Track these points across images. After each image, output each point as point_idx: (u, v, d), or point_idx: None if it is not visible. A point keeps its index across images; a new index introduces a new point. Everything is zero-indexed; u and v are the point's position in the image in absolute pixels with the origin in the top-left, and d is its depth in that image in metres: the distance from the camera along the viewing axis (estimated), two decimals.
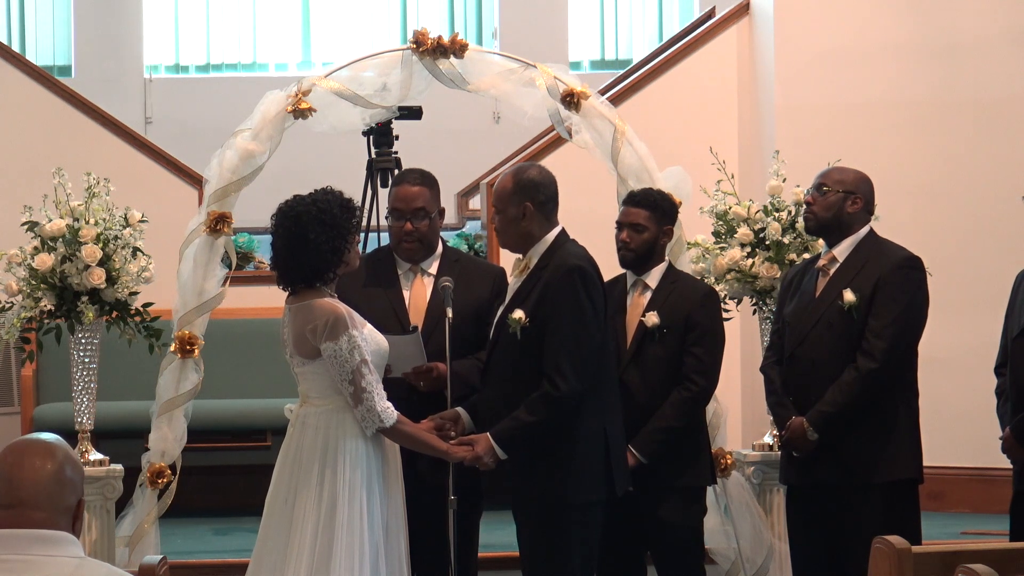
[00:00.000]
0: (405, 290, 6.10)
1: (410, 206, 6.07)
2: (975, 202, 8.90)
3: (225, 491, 9.11)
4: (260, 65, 14.29)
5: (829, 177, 6.16)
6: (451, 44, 6.81)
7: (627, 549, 6.18)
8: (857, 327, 5.96)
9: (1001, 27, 8.95)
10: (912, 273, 6.05)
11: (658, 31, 14.39)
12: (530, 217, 5.65)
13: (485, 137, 13.10)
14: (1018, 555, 4.63)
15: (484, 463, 5.54)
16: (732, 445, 7.27)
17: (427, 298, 6.08)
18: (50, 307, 6.60)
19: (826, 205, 6.11)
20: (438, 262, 6.14)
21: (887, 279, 5.98)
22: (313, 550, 5.32)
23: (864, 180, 6.17)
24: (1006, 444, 6.06)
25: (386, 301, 6.04)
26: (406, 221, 6.07)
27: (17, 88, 9.53)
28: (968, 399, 7.67)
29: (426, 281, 6.11)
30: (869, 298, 5.96)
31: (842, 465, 5.96)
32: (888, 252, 6.09)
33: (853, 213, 6.10)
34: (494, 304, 5.97)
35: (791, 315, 6.16)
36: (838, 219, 6.10)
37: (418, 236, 6.08)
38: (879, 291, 5.96)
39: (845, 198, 6.09)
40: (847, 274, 6.05)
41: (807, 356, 6.05)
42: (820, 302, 6.07)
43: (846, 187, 6.11)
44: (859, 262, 6.05)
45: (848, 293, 5.98)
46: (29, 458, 3.31)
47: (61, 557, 3.28)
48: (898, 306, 5.96)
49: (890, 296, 5.96)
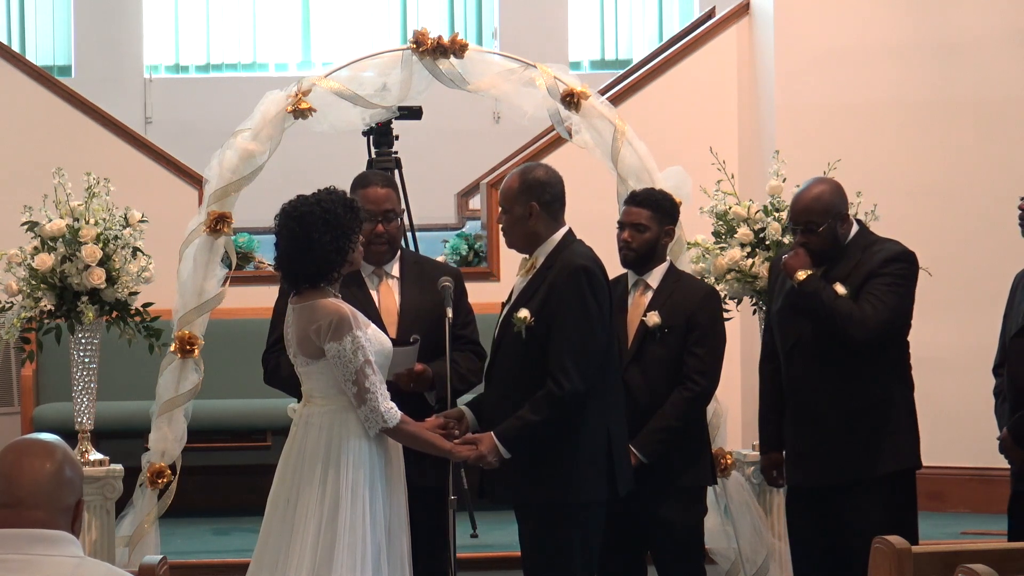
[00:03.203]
0: (373, 292, 6.05)
1: (380, 207, 6.01)
2: (975, 202, 8.90)
3: (225, 491, 9.11)
4: (260, 65, 14.28)
5: (813, 212, 5.95)
6: (451, 44, 6.81)
7: (627, 549, 6.18)
8: None
9: (1001, 27, 8.95)
10: (901, 267, 6.00)
11: (658, 31, 14.39)
12: (536, 216, 5.65)
13: (485, 137, 13.10)
14: (1018, 555, 4.63)
15: (488, 462, 5.54)
16: (732, 445, 7.28)
17: (397, 300, 6.03)
18: (50, 307, 6.60)
19: (824, 243, 5.98)
20: (398, 264, 6.12)
21: (875, 272, 5.93)
22: (315, 550, 5.32)
23: (836, 194, 6.02)
24: (1003, 444, 6.05)
25: (357, 305, 5.99)
26: (377, 223, 6.01)
27: (17, 88, 9.53)
28: (968, 399, 7.67)
29: (391, 284, 6.07)
30: (857, 291, 5.91)
31: (845, 461, 5.94)
32: (879, 246, 6.03)
33: (845, 232, 6.02)
34: (458, 304, 5.94)
35: (777, 315, 6.15)
36: (837, 244, 6.01)
37: (387, 238, 6.04)
38: (866, 284, 5.90)
39: (837, 225, 5.98)
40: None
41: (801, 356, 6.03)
42: None
43: (832, 213, 5.96)
44: (852, 259, 5.99)
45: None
46: (28, 458, 3.31)
47: (60, 557, 3.27)
48: (886, 296, 5.89)
49: (875, 287, 5.89)
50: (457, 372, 5.84)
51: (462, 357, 5.96)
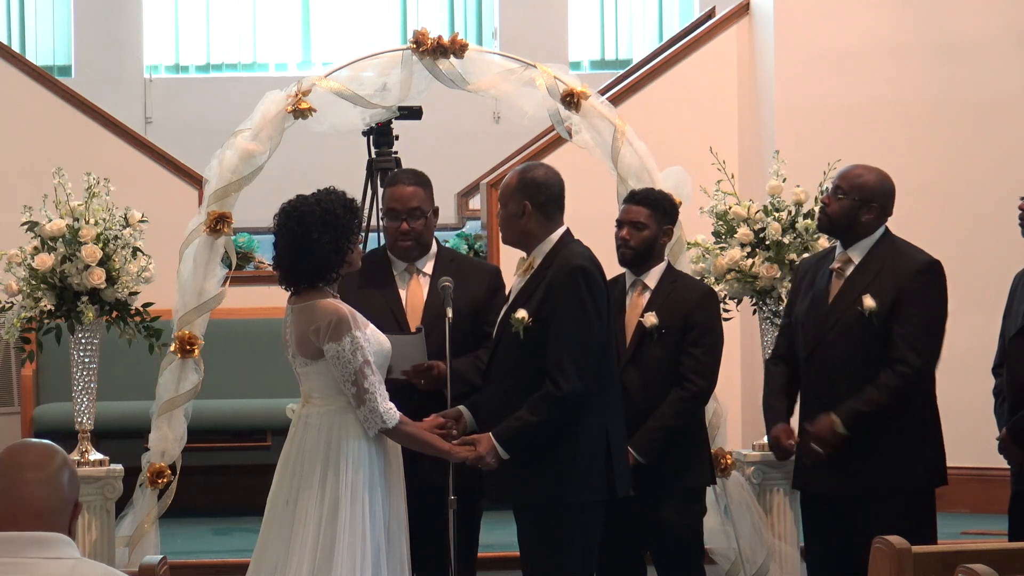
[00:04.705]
0: (402, 290, 6.11)
1: (406, 206, 6.09)
2: (975, 202, 8.89)
3: (225, 491, 9.11)
4: (260, 65, 14.29)
5: (847, 180, 6.04)
6: (451, 44, 6.81)
7: (627, 549, 6.18)
8: (875, 332, 5.90)
9: (1001, 27, 8.95)
10: (933, 278, 6.00)
11: (658, 31, 14.39)
12: (528, 216, 5.65)
13: (485, 137, 13.10)
14: (1018, 555, 4.64)
15: (486, 463, 5.54)
16: (732, 445, 7.27)
17: (424, 298, 6.09)
18: (50, 307, 6.59)
19: (840, 210, 6.02)
20: (433, 262, 6.16)
21: (909, 287, 5.91)
22: (315, 550, 5.32)
23: (882, 187, 6.05)
24: (1003, 444, 6.05)
25: (383, 302, 6.05)
26: (402, 221, 6.09)
27: (17, 88, 9.53)
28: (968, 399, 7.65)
29: (422, 281, 6.12)
30: (890, 305, 5.89)
31: (868, 473, 5.89)
32: (907, 256, 6.02)
33: (867, 222, 6.02)
34: (491, 302, 6.00)
35: (804, 315, 6.10)
36: (851, 225, 6.02)
37: (414, 236, 6.11)
38: (903, 298, 5.88)
39: (860, 206, 6.00)
40: (864, 278, 5.97)
41: (825, 359, 5.99)
42: (836, 305, 6.00)
43: (863, 195, 6.00)
44: (876, 265, 5.98)
45: (868, 299, 5.89)
46: (25, 462, 3.31)
47: (56, 559, 3.27)
48: (925, 313, 5.90)
49: (915, 303, 5.89)
50: (479, 370, 5.83)
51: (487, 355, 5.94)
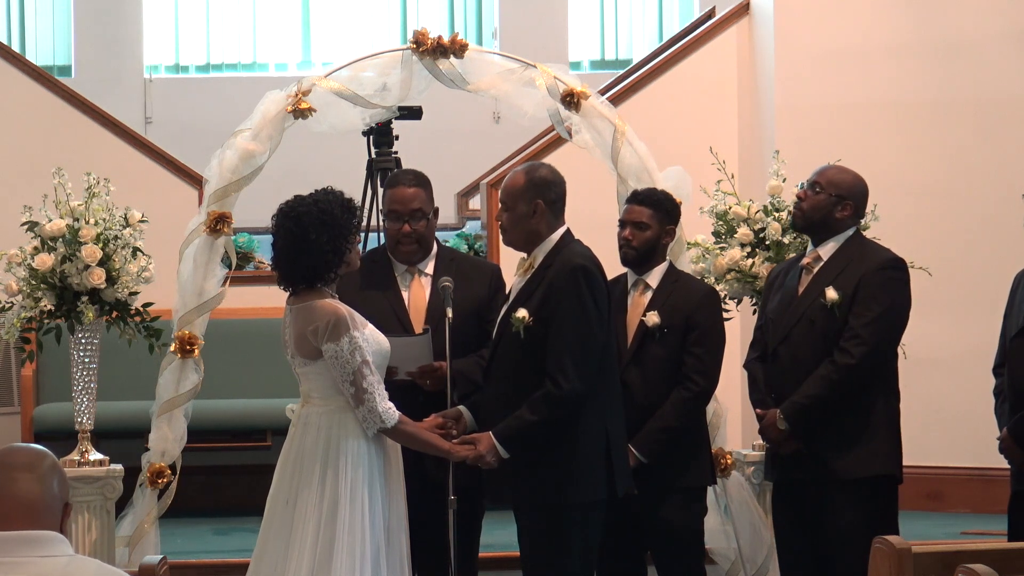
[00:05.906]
0: (404, 291, 6.11)
1: (407, 207, 6.08)
2: (975, 202, 8.90)
3: (225, 491, 9.12)
4: (260, 65, 14.28)
5: (825, 176, 6.16)
6: (451, 44, 6.81)
7: (627, 549, 6.18)
8: (839, 325, 5.98)
9: (1001, 27, 8.95)
10: (895, 274, 6.06)
11: (658, 31, 14.39)
12: (540, 215, 5.64)
13: (485, 137, 13.10)
14: (1017, 555, 4.63)
15: (486, 462, 5.54)
16: (732, 445, 7.27)
17: (426, 298, 6.08)
18: (50, 307, 6.59)
19: (815, 205, 6.11)
20: (434, 262, 6.15)
21: (869, 279, 5.99)
22: (314, 550, 5.32)
23: (858, 186, 6.15)
24: (1003, 444, 6.05)
25: (385, 303, 6.04)
26: (404, 223, 6.08)
27: (17, 88, 9.53)
28: (968, 399, 7.67)
29: (424, 282, 6.12)
30: (851, 297, 5.98)
31: (820, 462, 5.97)
32: (872, 253, 6.10)
33: (841, 219, 6.11)
34: (492, 301, 6.00)
35: (773, 312, 6.18)
36: (825, 221, 6.11)
37: (416, 237, 6.10)
38: (861, 290, 5.98)
39: (836, 203, 6.09)
40: (830, 272, 6.06)
41: (789, 353, 6.07)
42: (803, 299, 6.08)
43: (839, 191, 6.10)
44: (843, 261, 6.07)
45: (831, 291, 5.99)
46: (15, 463, 3.31)
47: (50, 557, 3.28)
48: (879, 306, 5.98)
49: (871, 295, 5.98)
50: (483, 369, 5.83)
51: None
